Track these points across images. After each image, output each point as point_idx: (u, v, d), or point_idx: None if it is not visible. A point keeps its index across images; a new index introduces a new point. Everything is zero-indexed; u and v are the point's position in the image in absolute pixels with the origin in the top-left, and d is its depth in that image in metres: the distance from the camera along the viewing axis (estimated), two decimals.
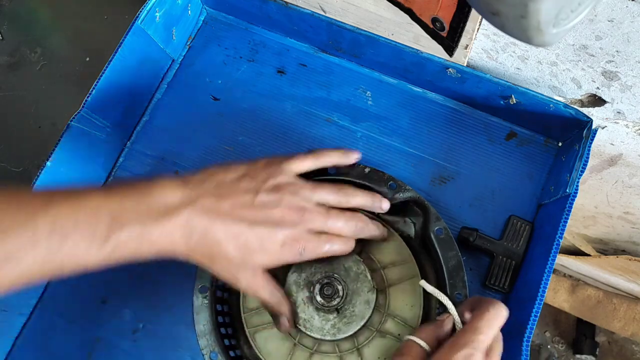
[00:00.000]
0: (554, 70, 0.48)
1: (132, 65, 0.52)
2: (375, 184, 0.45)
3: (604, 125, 0.54)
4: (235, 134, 0.54)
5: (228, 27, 0.59)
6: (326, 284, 0.43)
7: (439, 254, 0.43)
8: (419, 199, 0.45)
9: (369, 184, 0.45)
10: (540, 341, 1.22)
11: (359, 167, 0.45)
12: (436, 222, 0.44)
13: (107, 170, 0.54)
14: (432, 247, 0.44)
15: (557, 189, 0.46)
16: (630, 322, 0.97)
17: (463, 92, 0.51)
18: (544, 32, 0.25)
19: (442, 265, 0.43)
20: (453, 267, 0.43)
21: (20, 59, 0.95)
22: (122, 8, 0.97)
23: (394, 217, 0.47)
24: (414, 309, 0.43)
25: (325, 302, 0.42)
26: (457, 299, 0.42)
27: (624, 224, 0.81)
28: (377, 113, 0.54)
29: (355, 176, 0.45)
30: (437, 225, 0.44)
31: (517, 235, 0.47)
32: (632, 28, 0.38)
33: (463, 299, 0.42)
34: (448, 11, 0.44)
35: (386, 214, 0.46)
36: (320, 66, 0.56)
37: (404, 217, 0.47)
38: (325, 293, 0.43)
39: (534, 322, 0.40)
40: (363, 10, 0.50)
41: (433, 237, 0.44)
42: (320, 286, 0.43)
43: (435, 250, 0.44)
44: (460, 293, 0.42)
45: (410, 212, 0.47)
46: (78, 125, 0.48)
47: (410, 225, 0.47)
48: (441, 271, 0.43)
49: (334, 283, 0.43)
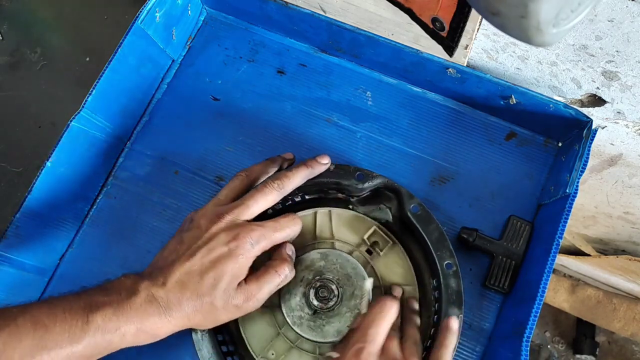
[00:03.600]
0: (554, 70, 0.48)
1: (132, 65, 0.52)
2: (343, 178, 0.46)
3: (604, 125, 0.54)
4: (235, 134, 0.54)
5: (228, 27, 0.59)
6: (320, 287, 0.43)
7: (420, 230, 0.44)
8: (388, 182, 0.46)
9: (336, 179, 0.46)
10: (540, 341, 1.22)
11: None
12: (410, 200, 0.45)
13: (107, 170, 0.54)
14: (412, 225, 0.45)
15: (557, 189, 0.46)
16: (630, 322, 0.97)
17: (463, 92, 0.51)
18: (544, 32, 0.25)
19: (425, 241, 0.44)
20: (436, 239, 0.44)
21: (20, 59, 0.95)
22: (122, 8, 0.97)
23: (369, 207, 0.48)
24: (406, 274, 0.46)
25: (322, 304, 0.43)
26: (448, 269, 0.43)
27: (624, 224, 0.81)
28: (377, 113, 0.54)
29: (322, 176, 0.46)
30: (412, 204, 0.45)
31: (517, 235, 0.47)
32: (632, 28, 0.38)
33: (454, 268, 0.43)
34: (448, 11, 0.44)
35: (360, 204, 0.47)
36: (320, 66, 0.56)
37: (378, 204, 0.48)
38: (320, 295, 0.43)
39: (534, 322, 0.40)
40: (363, 10, 0.50)
41: (410, 216, 0.45)
42: (315, 290, 0.43)
43: (416, 228, 0.45)
44: (450, 262, 0.43)
45: (384, 198, 0.47)
46: (78, 125, 0.48)
47: (386, 211, 0.48)
48: (427, 246, 0.44)
49: (327, 284, 0.43)
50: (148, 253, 0.51)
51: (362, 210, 0.48)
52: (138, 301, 0.37)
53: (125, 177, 0.54)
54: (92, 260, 0.51)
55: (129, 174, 0.54)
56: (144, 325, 0.37)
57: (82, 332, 0.35)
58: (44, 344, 0.34)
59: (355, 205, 0.48)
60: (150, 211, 0.52)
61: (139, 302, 0.37)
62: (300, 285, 0.44)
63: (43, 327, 0.34)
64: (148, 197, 0.53)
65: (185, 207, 0.52)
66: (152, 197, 0.53)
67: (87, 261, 0.52)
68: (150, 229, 0.52)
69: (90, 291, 0.38)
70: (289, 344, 0.44)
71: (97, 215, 0.53)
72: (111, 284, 0.39)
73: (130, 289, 0.38)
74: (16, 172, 0.89)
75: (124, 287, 0.38)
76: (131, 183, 0.54)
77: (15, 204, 0.47)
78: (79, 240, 0.52)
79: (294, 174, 0.44)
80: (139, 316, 0.37)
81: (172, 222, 0.52)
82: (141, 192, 0.53)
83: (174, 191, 0.53)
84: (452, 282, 0.43)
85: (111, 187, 0.54)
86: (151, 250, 0.51)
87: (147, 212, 0.52)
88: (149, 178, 0.54)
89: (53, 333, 0.34)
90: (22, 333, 0.34)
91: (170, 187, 0.53)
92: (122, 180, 0.54)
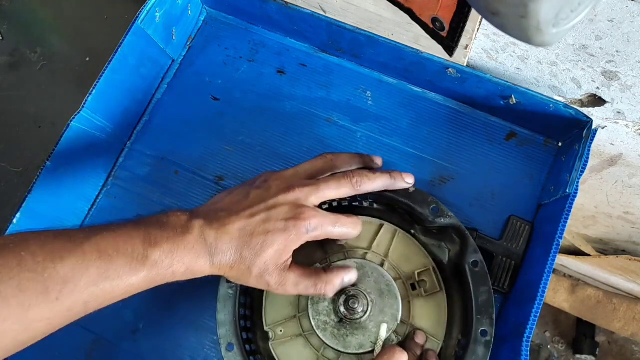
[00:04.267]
0: (554, 70, 0.48)
1: (132, 65, 0.52)
2: (417, 204, 0.44)
3: (604, 125, 0.54)
4: (235, 134, 0.54)
5: (228, 27, 0.59)
6: (352, 296, 0.43)
7: (471, 287, 0.42)
8: (460, 227, 0.44)
9: (411, 203, 0.44)
10: (540, 341, 1.22)
11: None
12: (473, 253, 0.43)
13: (107, 170, 0.54)
14: (465, 278, 0.43)
15: (557, 189, 0.46)
16: (630, 322, 0.97)
17: (463, 92, 0.51)
18: (544, 32, 0.25)
19: (472, 299, 0.42)
20: (483, 302, 0.42)
21: (20, 59, 0.95)
22: (122, 8, 0.97)
23: (430, 239, 0.46)
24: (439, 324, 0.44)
25: (348, 313, 0.42)
26: (482, 336, 0.41)
27: (624, 224, 0.81)
28: (377, 113, 0.54)
29: (399, 194, 0.45)
30: (474, 258, 0.43)
31: (517, 235, 0.47)
32: (632, 28, 0.38)
33: (488, 338, 0.41)
34: (448, 11, 0.44)
35: (422, 233, 0.46)
36: (320, 66, 0.56)
37: (440, 241, 0.46)
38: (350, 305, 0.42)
39: (534, 322, 0.40)
40: (363, 10, 0.50)
41: (468, 269, 0.43)
42: (346, 297, 0.43)
43: (467, 282, 0.43)
44: (487, 331, 0.41)
45: (448, 238, 0.46)
46: (78, 125, 0.48)
47: (445, 251, 0.46)
48: (470, 305, 0.42)
49: (359, 297, 0.43)
50: None
51: (422, 239, 0.47)
52: (191, 239, 0.38)
53: (125, 177, 0.54)
54: None
55: (129, 174, 0.54)
56: (192, 266, 0.38)
57: (142, 266, 0.36)
58: (107, 274, 0.35)
59: (418, 232, 0.47)
60: (150, 211, 0.52)
61: (192, 241, 0.38)
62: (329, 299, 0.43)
63: (108, 258, 0.35)
64: (148, 197, 0.53)
65: (185, 207, 0.52)
66: (152, 197, 0.53)
67: None
68: None
69: (148, 221, 0.39)
70: (299, 330, 0.45)
71: (97, 215, 0.53)
72: (167, 217, 0.39)
73: (185, 226, 0.39)
74: (16, 172, 0.89)
75: (179, 224, 0.39)
76: (131, 183, 0.54)
77: (15, 204, 0.47)
78: None
79: (375, 179, 0.44)
80: (190, 256, 0.38)
81: None
82: (141, 192, 0.53)
83: (174, 191, 0.53)
84: (480, 351, 0.41)
85: (111, 187, 0.54)
86: None
87: (147, 212, 0.52)
88: (149, 178, 0.54)
89: (116, 264, 0.35)
90: (89, 261, 0.35)
91: (170, 187, 0.53)
92: (122, 180, 0.54)
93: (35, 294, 0.33)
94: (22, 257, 0.33)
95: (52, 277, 0.33)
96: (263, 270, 0.39)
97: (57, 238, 0.35)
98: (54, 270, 0.33)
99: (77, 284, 0.34)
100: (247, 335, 0.44)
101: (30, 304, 0.32)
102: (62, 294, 0.34)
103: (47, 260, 0.33)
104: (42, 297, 0.33)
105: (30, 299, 0.32)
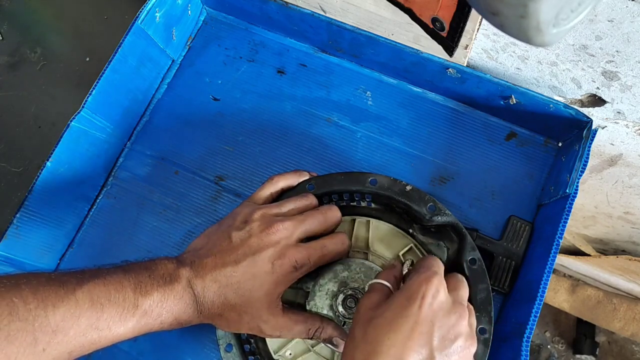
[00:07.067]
0: (554, 70, 0.48)
1: (132, 66, 0.52)
2: (414, 203, 0.44)
3: (604, 125, 0.54)
4: (235, 134, 0.54)
5: (228, 27, 0.59)
6: (350, 296, 0.42)
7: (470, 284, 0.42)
8: (457, 225, 0.44)
9: (408, 202, 0.44)
10: (540, 341, 1.22)
11: (400, 183, 0.44)
12: (471, 251, 0.43)
13: (107, 170, 0.54)
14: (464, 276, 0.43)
15: (557, 189, 0.46)
16: (630, 322, 0.97)
17: (463, 92, 0.51)
18: (544, 32, 0.25)
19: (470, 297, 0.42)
20: (482, 300, 0.42)
21: (20, 59, 0.95)
22: (122, 8, 0.97)
23: (428, 239, 0.46)
24: None
25: (347, 313, 0.42)
26: (480, 334, 0.41)
27: (624, 224, 0.81)
28: (377, 113, 0.54)
29: (396, 193, 0.44)
30: (472, 255, 0.43)
31: (517, 235, 0.47)
32: (632, 28, 0.38)
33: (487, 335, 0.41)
34: (448, 11, 0.44)
35: (420, 232, 0.46)
36: (320, 66, 0.56)
37: (438, 240, 0.46)
38: (348, 305, 0.42)
39: (534, 322, 0.40)
40: (363, 10, 0.50)
41: (465, 267, 0.43)
42: (344, 297, 0.42)
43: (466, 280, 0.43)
44: (485, 328, 0.41)
45: (446, 237, 0.46)
46: (78, 125, 0.48)
47: (444, 250, 0.46)
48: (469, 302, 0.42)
49: (358, 296, 0.42)
50: (148, 253, 0.51)
51: (420, 239, 0.46)
52: (179, 289, 0.38)
53: (125, 177, 0.54)
54: (92, 260, 0.51)
55: (129, 174, 0.54)
56: (180, 316, 0.39)
57: (132, 316, 0.36)
58: (97, 324, 0.35)
59: (416, 231, 0.47)
60: (150, 211, 0.52)
61: (180, 290, 0.38)
62: (326, 299, 0.43)
63: (99, 307, 0.35)
64: (148, 197, 0.53)
65: (185, 207, 0.52)
66: (152, 197, 0.53)
67: (87, 261, 0.52)
68: (150, 229, 0.52)
69: (136, 268, 0.38)
70: (307, 346, 0.44)
71: (97, 215, 0.53)
72: (155, 265, 0.39)
73: (173, 274, 0.39)
74: (16, 172, 0.89)
75: (167, 272, 0.39)
76: (131, 183, 0.54)
77: (15, 204, 0.47)
78: (79, 240, 0.53)
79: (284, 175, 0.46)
80: (178, 307, 0.38)
81: (172, 222, 0.52)
82: (141, 192, 0.53)
83: (174, 191, 0.53)
84: (479, 349, 0.40)
85: (111, 187, 0.54)
86: (151, 250, 0.51)
87: (147, 212, 0.52)
88: (149, 178, 0.54)
89: (107, 314, 0.35)
90: (81, 309, 0.35)
91: (170, 187, 0.53)
92: (122, 180, 0.54)
93: (24, 345, 0.32)
94: (14, 303, 0.33)
95: (42, 327, 0.33)
96: (255, 317, 0.39)
97: (50, 283, 0.35)
98: (45, 319, 0.33)
99: (66, 334, 0.34)
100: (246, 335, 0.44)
101: (16, 357, 0.32)
102: (50, 345, 0.33)
103: (39, 308, 0.33)
104: (30, 349, 0.33)
105: (17, 351, 0.32)
